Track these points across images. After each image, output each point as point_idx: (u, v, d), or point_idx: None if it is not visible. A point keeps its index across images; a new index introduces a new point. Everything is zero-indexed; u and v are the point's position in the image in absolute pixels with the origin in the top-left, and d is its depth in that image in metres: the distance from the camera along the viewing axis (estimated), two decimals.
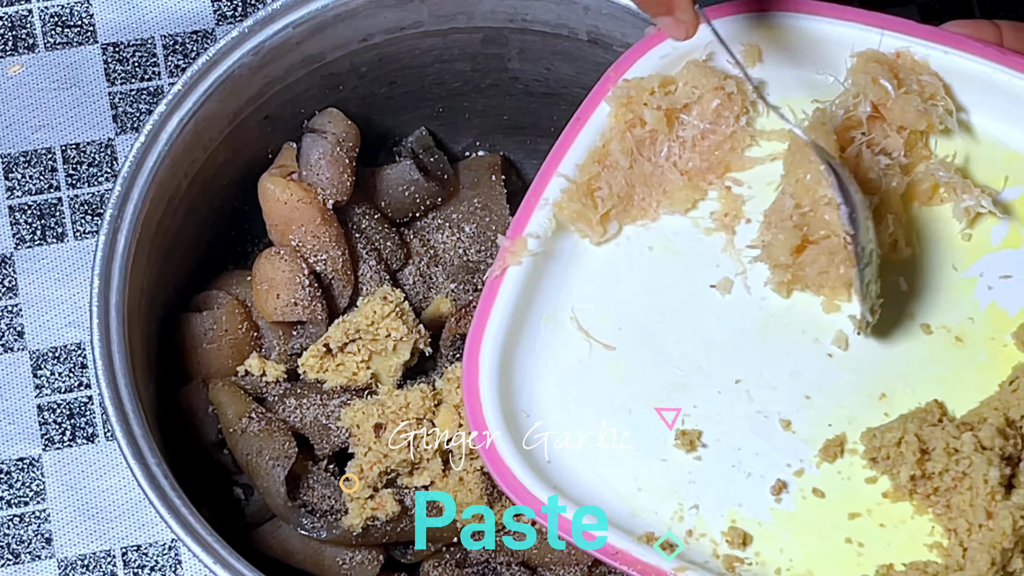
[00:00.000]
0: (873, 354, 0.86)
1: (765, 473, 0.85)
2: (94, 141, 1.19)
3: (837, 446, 0.84)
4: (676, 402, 0.86)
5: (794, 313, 0.87)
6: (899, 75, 0.88)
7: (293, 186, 1.04)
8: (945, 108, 0.88)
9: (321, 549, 1.02)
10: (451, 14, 1.04)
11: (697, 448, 0.85)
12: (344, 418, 1.01)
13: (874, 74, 0.87)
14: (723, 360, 0.87)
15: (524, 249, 0.89)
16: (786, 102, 0.90)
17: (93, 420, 1.14)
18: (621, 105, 0.89)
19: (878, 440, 0.83)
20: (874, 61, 0.88)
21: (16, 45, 1.21)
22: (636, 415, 0.87)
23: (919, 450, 0.82)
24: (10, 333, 1.15)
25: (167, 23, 1.22)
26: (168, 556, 1.11)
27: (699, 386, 0.87)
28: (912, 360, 0.86)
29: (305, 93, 1.06)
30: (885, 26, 0.88)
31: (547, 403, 0.88)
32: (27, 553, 1.11)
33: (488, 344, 0.87)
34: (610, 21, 1.01)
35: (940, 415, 0.84)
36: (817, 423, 0.85)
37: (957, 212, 0.88)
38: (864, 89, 0.87)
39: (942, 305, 0.87)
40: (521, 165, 1.18)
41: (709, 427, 0.86)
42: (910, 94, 0.87)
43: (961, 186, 0.88)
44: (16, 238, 1.17)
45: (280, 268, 1.04)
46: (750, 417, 0.86)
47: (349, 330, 1.02)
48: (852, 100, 0.87)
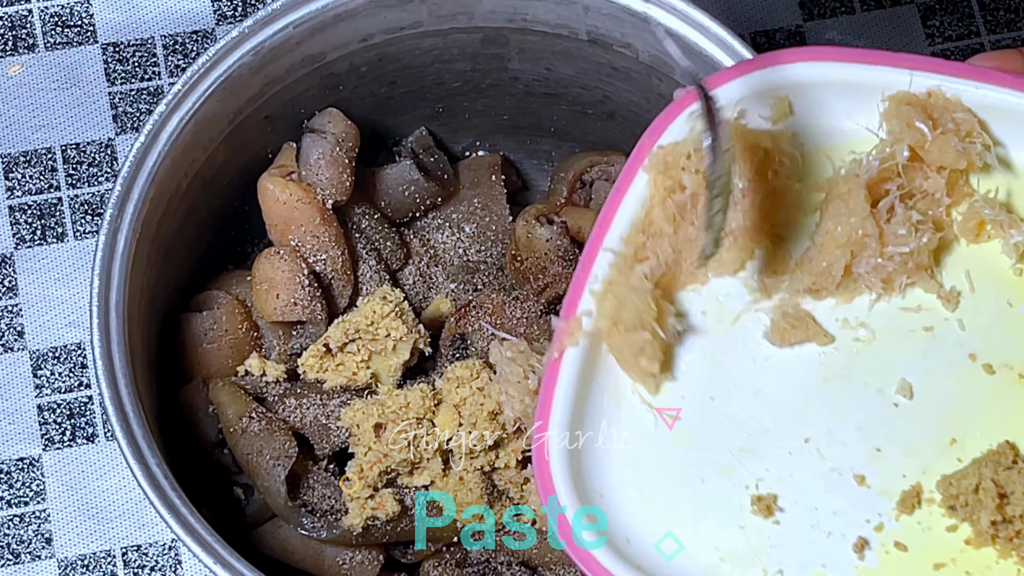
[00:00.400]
0: (939, 399, 0.85)
1: (845, 531, 0.83)
2: (94, 141, 1.19)
3: (914, 497, 0.83)
4: (747, 467, 0.85)
5: (855, 365, 0.86)
6: (933, 115, 0.86)
7: (293, 186, 1.04)
8: (983, 144, 0.86)
9: (321, 549, 1.02)
10: (451, 14, 1.04)
11: (775, 512, 0.84)
12: (344, 418, 1.01)
13: (908, 117, 0.86)
14: (789, 420, 0.86)
15: (580, 329, 0.87)
16: (823, 151, 0.89)
17: (93, 420, 1.14)
18: (659, 172, 0.87)
19: (955, 488, 0.81)
20: (906, 104, 0.86)
21: (16, 45, 1.21)
22: (709, 484, 0.85)
23: (997, 495, 0.80)
24: (10, 333, 1.15)
25: (167, 23, 1.22)
26: (168, 556, 1.11)
27: (768, 448, 0.85)
28: (978, 402, 0.84)
29: (305, 93, 1.06)
30: (914, 66, 0.86)
31: (620, 482, 0.86)
32: (27, 553, 1.11)
33: (555, 430, 0.85)
34: (610, 21, 1.01)
35: (1014, 456, 0.82)
36: (891, 475, 0.84)
37: (1006, 248, 0.86)
38: (900, 135, 0.86)
39: (1002, 343, 0.85)
40: (521, 165, 1.18)
41: (784, 490, 0.84)
42: (947, 134, 0.85)
43: (1007, 221, 0.86)
44: (16, 238, 1.17)
45: (280, 268, 1.04)
46: (823, 475, 0.84)
47: (349, 330, 1.02)
48: (888, 149, 0.86)
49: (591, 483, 0.85)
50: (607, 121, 1.11)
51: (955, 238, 0.88)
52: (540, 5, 1.02)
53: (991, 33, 1.24)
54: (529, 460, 1.00)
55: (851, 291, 0.87)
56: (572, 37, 1.04)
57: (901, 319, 0.87)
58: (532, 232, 1.07)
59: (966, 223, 0.87)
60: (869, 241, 0.86)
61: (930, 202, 0.87)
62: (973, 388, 0.85)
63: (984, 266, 0.87)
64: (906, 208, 0.86)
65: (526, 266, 1.07)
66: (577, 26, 1.03)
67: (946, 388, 0.85)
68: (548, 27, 1.04)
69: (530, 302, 1.04)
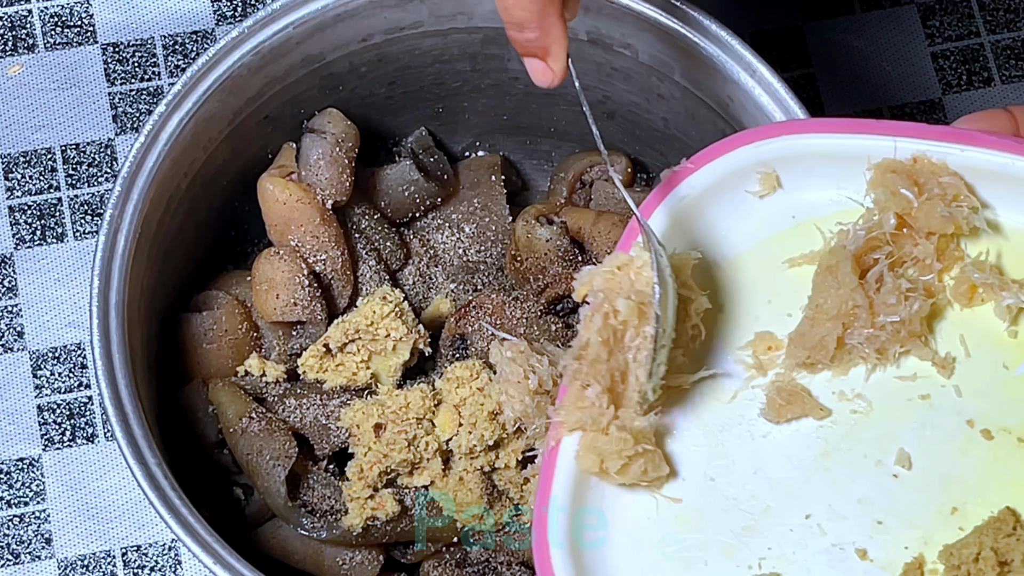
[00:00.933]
0: (938, 468, 0.84)
1: None
2: (94, 141, 1.19)
3: (917, 569, 0.82)
4: (750, 547, 0.84)
5: (853, 437, 0.86)
6: (919, 181, 0.85)
7: (292, 186, 1.04)
8: (970, 207, 0.85)
9: (321, 549, 1.02)
10: (451, 14, 1.04)
11: None
12: (344, 418, 1.01)
13: (893, 184, 0.85)
14: (790, 496, 0.85)
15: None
16: (813, 223, 0.88)
17: (93, 420, 1.14)
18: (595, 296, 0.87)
19: (956, 558, 0.81)
20: (891, 171, 0.86)
21: (16, 45, 1.21)
22: (712, 566, 0.85)
23: (998, 563, 0.80)
24: (10, 333, 1.15)
25: (167, 23, 1.22)
26: (168, 556, 1.11)
27: (770, 527, 0.85)
28: (978, 468, 0.83)
29: (305, 93, 1.06)
30: (898, 132, 0.86)
31: (623, 566, 0.85)
32: (27, 553, 1.11)
33: (554, 517, 0.85)
34: (610, 21, 1.01)
35: (1014, 523, 0.82)
36: (893, 548, 0.83)
37: (999, 311, 0.86)
38: (886, 204, 0.85)
39: (1000, 407, 0.84)
40: (521, 165, 1.18)
41: (786, 567, 0.84)
42: (932, 199, 0.85)
43: (998, 284, 0.85)
44: (16, 238, 1.17)
45: (280, 268, 1.04)
46: (826, 551, 0.84)
47: (349, 330, 1.02)
48: (875, 217, 0.86)
49: (592, 569, 0.85)
50: (607, 121, 1.11)
51: (948, 303, 0.87)
52: None
53: (991, 33, 1.24)
54: (528, 460, 1.00)
55: (846, 363, 0.87)
56: (572, 37, 1.04)
57: (897, 388, 0.86)
58: (532, 232, 1.07)
59: (958, 287, 0.86)
60: (860, 312, 0.85)
61: (921, 268, 0.87)
62: (972, 454, 0.84)
63: (978, 330, 0.86)
64: (895, 276, 0.86)
65: (526, 266, 1.07)
66: (577, 26, 1.03)
67: (945, 456, 0.84)
68: None
69: (530, 302, 1.04)
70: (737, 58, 0.98)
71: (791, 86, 0.98)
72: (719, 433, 0.88)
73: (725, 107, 1.01)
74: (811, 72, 1.23)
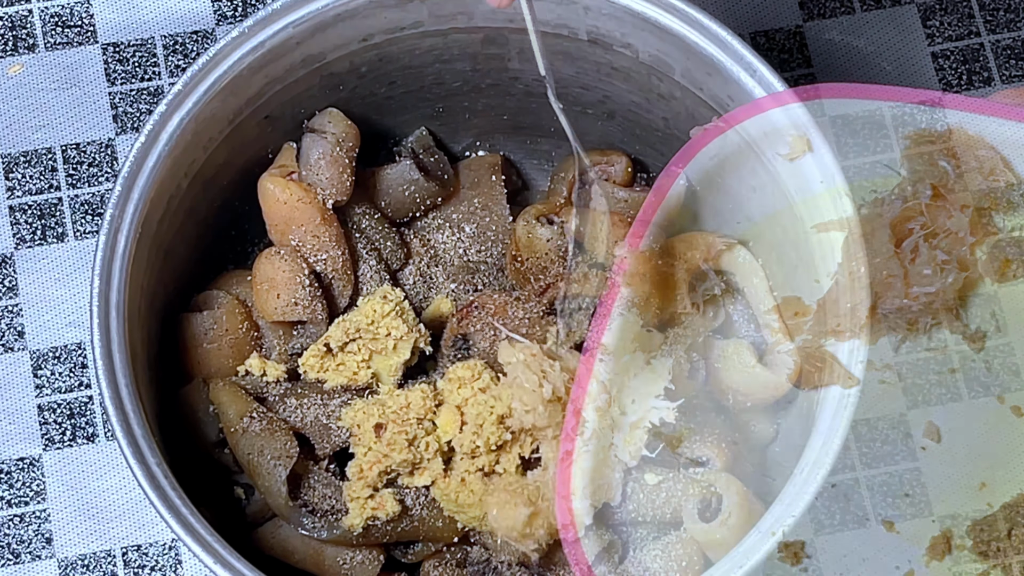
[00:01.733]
0: (967, 443, 0.84)
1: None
2: (94, 141, 1.19)
3: (944, 543, 0.83)
4: (773, 513, 0.84)
5: (881, 408, 0.86)
6: (955, 153, 0.86)
7: (293, 186, 1.04)
8: (1007, 182, 0.86)
9: (321, 549, 1.02)
10: (451, 14, 1.04)
11: (803, 560, 0.84)
12: (345, 418, 1.01)
13: (930, 155, 0.85)
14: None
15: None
16: (841, 189, 0.88)
17: (93, 420, 1.14)
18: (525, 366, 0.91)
19: (986, 533, 0.81)
20: (928, 141, 0.86)
21: (16, 45, 1.21)
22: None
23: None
24: (10, 333, 1.15)
25: (167, 23, 1.22)
26: (168, 556, 1.11)
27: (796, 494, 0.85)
28: (1006, 445, 0.84)
29: (305, 93, 1.06)
30: (935, 103, 0.86)
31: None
32: (27, 553, 1.11)
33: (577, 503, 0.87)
34: (610, 21, 1.01)
35: None
36: (920, 521, 0.83)
37: None
38: (922, 174, 0.85)
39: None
40: (521, 165, 1.18)
41: (812, 537, 0.84)
42: (969, 172, 0.85)
43: None
44: (16, 238, 1.17)
45: (280, 268, 1.04)
46: (852, 521, 0.84)
47: (349, 329, 1.02)
48: (911, 188, 0.86)
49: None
50: (607, 121, 1.11)
51: (980, 277, 0.86)
52: (540, 5, 1.02)
53: (991, 33, 1.24)
54: (530, 463, 1.00)
55: (875, 332, 0.86)
56: (572, 37, 1.04)
57: (927, 361, 0.86)
58: (532, 232, 1.07)
59: (991, 262, 0.86)
60: (894, 282, 0.85)
61: (954, 241, 0.86)
62: (1001, 431, 0.84)
63: (1010, 305, 0.86)
64: (930, 248, 0.85)
65: (526, 266, 1.07)
66: (577, 26, 1.03)
67: (974, 431, 0.84)
68: (548, 27, 1.04)
69: (532, 303, 1.04)
70: (737, 58, 0.98)
71: (791, 86, 0.98)
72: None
73: (725, 107, 1.01)
74: (811, 72, 1.23)
